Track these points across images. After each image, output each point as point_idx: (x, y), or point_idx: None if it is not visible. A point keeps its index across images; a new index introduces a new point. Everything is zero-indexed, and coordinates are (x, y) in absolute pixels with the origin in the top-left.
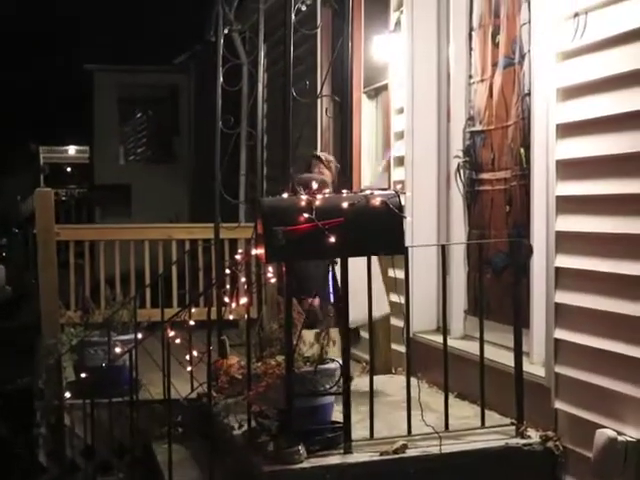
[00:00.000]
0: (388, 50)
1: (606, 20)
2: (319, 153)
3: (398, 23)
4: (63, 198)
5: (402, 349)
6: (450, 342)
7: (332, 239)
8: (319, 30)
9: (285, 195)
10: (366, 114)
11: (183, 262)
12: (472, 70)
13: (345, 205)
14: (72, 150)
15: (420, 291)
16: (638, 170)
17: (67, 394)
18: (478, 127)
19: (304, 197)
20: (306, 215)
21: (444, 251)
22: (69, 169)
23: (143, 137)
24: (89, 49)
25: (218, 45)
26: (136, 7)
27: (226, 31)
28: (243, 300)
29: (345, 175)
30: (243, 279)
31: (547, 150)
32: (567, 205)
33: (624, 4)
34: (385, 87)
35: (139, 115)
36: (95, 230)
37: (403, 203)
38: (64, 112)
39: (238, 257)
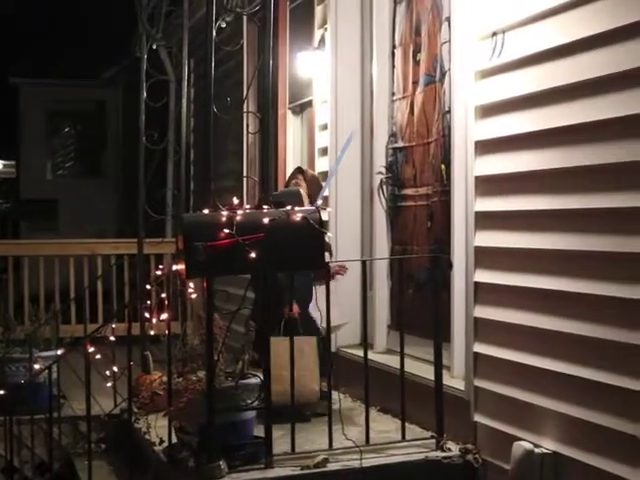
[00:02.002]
0: (312, 67)
1: (522, 40)
2: (303, 166)
3: (322, 40)
4: None
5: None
6: (373, 356)
7: (253, 254)
8: (245, 46)
9: (206, 211)
10: (291, 130)
11: (109, 277)
12: (395, 87)
13: (266, 221)
14: None
15: (344, 306)
16: (554, 186)
17: None
18: (400, 144)
19: (225, 213)
20: (227, 231)
21: (364, 267)
22: None
23: (71, 152)
24: (14, 62)
25: (142, 61)
26: (62, 20)
27: (154, 47)
28: (164, 315)
29: (265, 190)
30: (164, 295)
31: (466, 167)
32: (485, 221)
33: (538, 24)
34: (310, 103)
35: (67, 129)
36: (18, 245)
37: (326, 219)
38: None
39: (159, 272)
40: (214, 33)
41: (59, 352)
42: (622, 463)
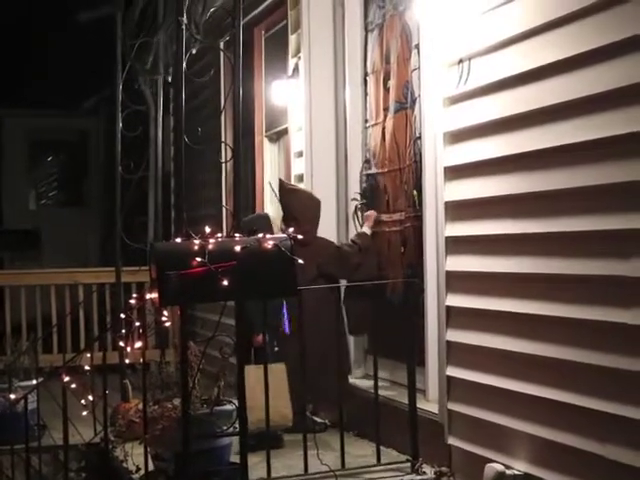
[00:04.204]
0: (287, 95)
1: (487, 67)
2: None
3: (296, 68)
4: None
5: None
6: (350, 381)
7: (225, 282)
8: (222, 75)
9: (178, 239)
10: (268, 157)
11: (90, 306)
12: (367, 114)
13: (237, 249)
14: None
15: None
16: (522, 211)
17: None
18: (374, 170)
19: (197, 241)
20: (199, 259)
21: (337, 293)
22: None
23: (54, 181)
24: None
25: (117, 91)
26: (43, 49)
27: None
28: (138, 344)
29: (237, 218)
30: (138, 323)
31: (436, 192)
32: (455, 246)
33: (502, 51)
34: (286, 131)
35: (50, 159)
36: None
37: None
38: None
39: (133, 301)
40: (184, 65)
41: (38, 381)
42: None
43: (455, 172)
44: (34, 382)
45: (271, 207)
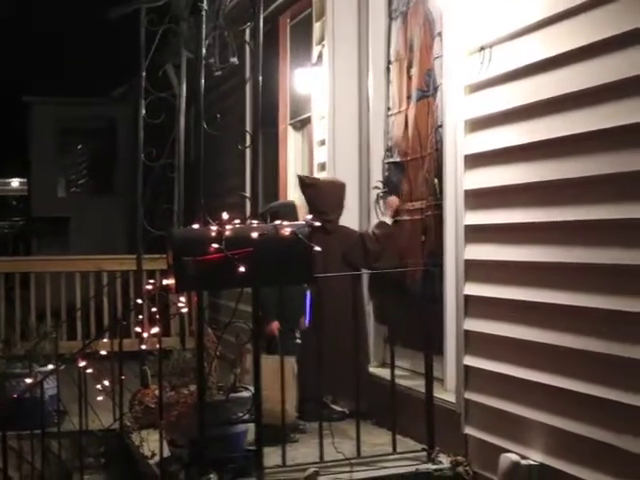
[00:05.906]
0: (311, 83)
1: (508, 54)
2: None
3: (320, 56)
4: (5, 231)
5: None
6: (370, 370)
7: (242, 269)
8: (247, 63)
9: (196, 226)
10: (292, 145)
11: (115, 293)
12: (390, 102)
13: (255, 235)
14: (16, 182)
15: None
16: (540, 199)
17: None
18: (396, 158)
19: (214, 228)
20: (216, 245)
21: (355, 281)
22: (14, 202)
23: (83, 169)
24: (26, 81)
25: (141, 77)
26: (73, 39)
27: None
28: (155, 330)
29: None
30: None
31: (456, 180)
32: (474, 234)
33: (523, 39)
34: (310, 119)
35: (79, 147)
36: (26, 262)
37: None
38: (4, 144)
39: (150, 287)
40: (204, 51)
41: (59, 367)
42: (606, 474)
43: (475, 160)
44: (54, 368)
45: (295, 194)
